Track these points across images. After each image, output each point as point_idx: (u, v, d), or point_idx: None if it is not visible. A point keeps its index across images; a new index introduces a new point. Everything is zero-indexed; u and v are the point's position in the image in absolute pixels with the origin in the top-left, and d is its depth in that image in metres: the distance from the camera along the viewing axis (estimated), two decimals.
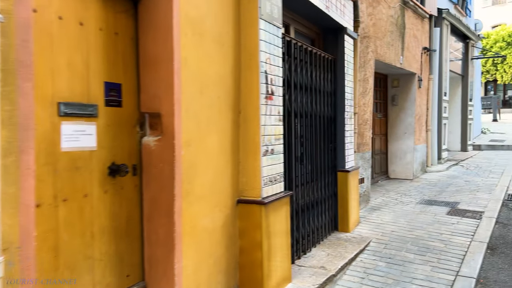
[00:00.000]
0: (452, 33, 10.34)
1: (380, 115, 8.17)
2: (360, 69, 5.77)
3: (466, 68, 11.48)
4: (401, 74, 8.14)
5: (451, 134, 11.85)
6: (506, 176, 8.13)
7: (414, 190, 7.18)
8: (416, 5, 7.63)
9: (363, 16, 5.80)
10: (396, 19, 6.99)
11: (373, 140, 7.88)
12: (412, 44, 7.75)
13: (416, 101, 8.14)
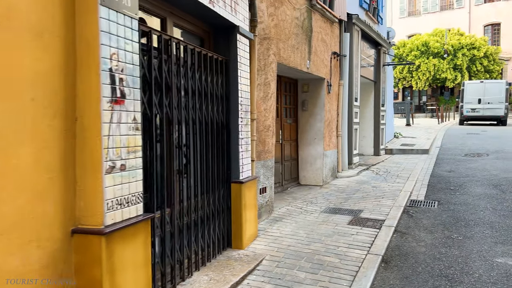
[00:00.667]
0: (364, 39, 10.49)
1: (290, 121, 7.94)
2: (260, 72, 5.41)
3: (378, 74, 11.77)
4: (310, 79, 7.99)
5: (365, 138, 12.09)
6: (411, 181, 8.29)
7: (322, 198, 7.01)
8: (324, 8, 7.50)
9: (263, 16, 5.46)
10: (302, 22, 6.77)
11: (283, 146, 7.62)
12: (320, 48, 7.61)
13: (325, 107, 8.03)
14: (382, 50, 11.81)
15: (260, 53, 5.41)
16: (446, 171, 9.29)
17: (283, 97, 7.63)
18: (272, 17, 5.74)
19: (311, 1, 7.05)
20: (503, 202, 6.51)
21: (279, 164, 7.48)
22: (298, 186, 8.07)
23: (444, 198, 6.93)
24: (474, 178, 8.31)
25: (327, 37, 7.97)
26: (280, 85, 7.49)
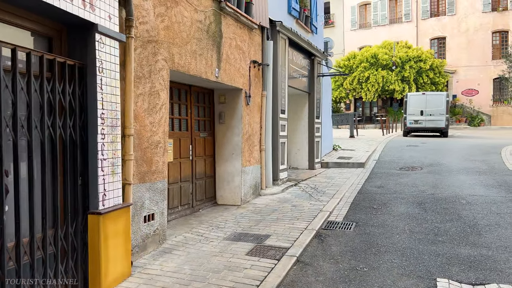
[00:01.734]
0: (295, 48, 10.01)
1: (205, 134, 7.23)
2: (142, 80, 4.67)
3: (312, 85, 11.33)
4: (227, 89, 7.33)
5: (299, 152, 11.60)
6: (335, 198, 7.78)
7: (233, 221, 6.31)
8: (238, 13, 6.89)
9: (147, 16, 4.73)
10: (208, 26, 6.11)
11: (194, 162, 6.88)
12: (235, 56, 6.98)
13: (243, 119, 7.38)
14: (316, 60, 11.39)
15: (143, 58, 4.67)
16: (376, 186, 8.88)
17: (194, 109, 6.91)
18: (162, 18, 5.03)
19: (219, 3, 6.41)
20: (423, 223, 6.07)
21: (188, 183, 6.72)
22: (214, 207, 7.34)
23: (363, 219, 6.42)
24: (401, 195, 7.92)
25: (244, 44, 7.36)
26: (190, 96, 6.78)
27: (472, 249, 4.94)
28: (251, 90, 7.65)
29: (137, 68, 4.58)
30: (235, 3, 6.89)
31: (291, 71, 9.81)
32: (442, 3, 37.90)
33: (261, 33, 8.16)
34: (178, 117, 6.50)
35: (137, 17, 4.58)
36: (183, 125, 6.63)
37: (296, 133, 11.60)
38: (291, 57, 9.73)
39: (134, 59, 4.51)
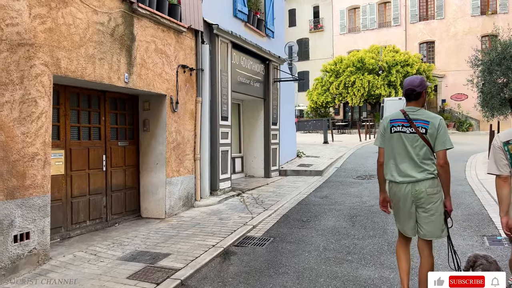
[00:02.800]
0: (244, 52, 9.65)
1: (125, 143, 6.82)
2: (10, 87, 4.28)
3: (267, 91, 10.94)
4: (151, 96, 6.94)
5: (255, 159, 11.20)
6: (270, 210, 7.38)
7: (143, 236, 5.90)
8: (157, 15, 6.51)
9: (19, 18, 4.35)
10: (113, 28, 5.72)
11: (109, 174, 6.48)
12: (155, 60, 6.59)
13: (168, 127, 6.98)
14: (272, 65, 11.01)
15: (11, 63, 4.28)
16: (320, 196, 8.46)
17: (109, 116, 6.52)
18: (43, 20, 4.64)
19: (131, 4, 6.03)
20: (343, 239, 5.64)
21: (100, 195, 6.31)
22: (135, 220, 6.92)
23: (284, 234, 6.00)
24: (340, 207, 7.50)
25: (169, 48, 6.98)
26: (103, 102, 6.38)
27: (376, 270, 4.52)
28: (179, 96, 7.25)
29: (2, 73, 4.19)
30: (153, 5, 6.51)
31: (238, 76, 9.43)
32: (431, 7, 37.60)
33: (194, 37, 7.78)
34: (87, 125, 6.10)
35: (2, 18, 4.19)
36: (94, 134, 6.23)
37: (252, 140, 11.22)
38: (237, 61, 9.35)
39: None
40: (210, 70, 8.21)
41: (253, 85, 10.27)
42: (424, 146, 3.24)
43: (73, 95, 5.85)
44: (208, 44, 8.15)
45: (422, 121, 3.24)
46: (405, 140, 3.29)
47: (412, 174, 3.26)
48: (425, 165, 3.24)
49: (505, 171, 3.03)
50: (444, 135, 3.22)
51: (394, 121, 3.37)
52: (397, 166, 3.34)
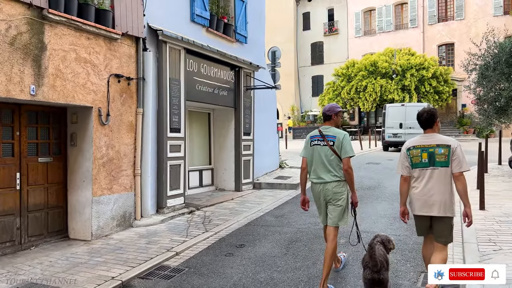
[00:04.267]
0: (207, 59, 9.07)
1: (47, 159, 6.35)
2: None
3: (238, 99, 10.32)
4: (79, 108, 6.46)
5: (227, 171, 10.58)
6: (211, 232, 6.75)
7: (49, 264, 5.36)
8: (79, 22, 6.02)
9: None
10: (14, 37, 5.25)
11: (25, 192, 6.02)
12: (75, 70, 6.10)
13: (95, 142, 6.47)
14: (243, 72, 10.38)
15: None
16: (276, 216, 7.75)
17: (27, 131, 6.06)
18: None
19: (40, 11, 5.56)
20: (264, 271, 4.93)
21: (12, 217, 5.84)
22: (60, 242, 6.42)
23: (204, 263, 5.35)
24: (287, 229, 6.77)
25: (97, 56, 6.47)
26: (18, 116, 5.94)
27: None
28: (112, 108, 6.74)
29: None
30: (73, 11, 6.02)
31: (197, 84, 8.86)
32: (450, 8, 36.00)
33: (134, 44, 7.26)
34: None
35: None
36: (5, 151, 5.78)
37: (223, 152, 10.61)
38: (195, 69, 8.78)
39: None
40: (157, 79, 7.67)
41: (219, 93, 9.66)
42: (332, 155, 4.24)
43: None
44: (154, 51, 7.62)
45: (331, 136, 4.27)
46: (320, 151, 4.30)
47: (323, 177, 4.29)
48: (334, 170, 4.24)
49: (406, 172, 3.93)
50: (347, 146, 4.22)
51: (313, 137, 4.41)
52: (315, 170, 4.34)
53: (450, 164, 3.72)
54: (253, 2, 11.16)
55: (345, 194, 4.29)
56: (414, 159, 3.86)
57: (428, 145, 3.78)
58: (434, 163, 3.76)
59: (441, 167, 3.74)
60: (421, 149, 3.82)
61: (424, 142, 3.83)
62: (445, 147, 3.73)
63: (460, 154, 3.70)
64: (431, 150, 3.77)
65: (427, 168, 3.80)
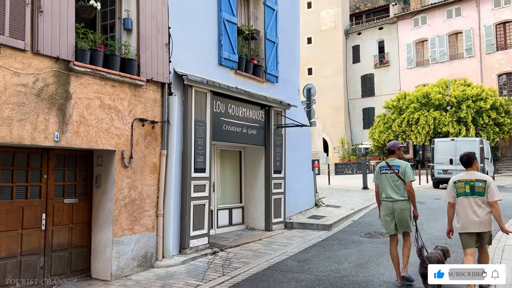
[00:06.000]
0: (235, 100, 9.27)
1: (73, 200, 6.68)
2: None
3: (268, 138, 10.33)
4: (104, 151, 6.80)
5: (257, 210, 10.50)
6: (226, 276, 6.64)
7: None
8: (104, 71, 6.43)
9: None
10: (41, 89, 5.71)
11: (50, 233, 6.34)
12: (99, 116, 6.46)
13: (118, 183, 6.73)
14: (274, 111, 10.44)
15: None
16: (299, 260, 7.48)
17: (54, 173, 6.45)
18: None
19: (67, 64, 6.02)
20: None
21: (36, 256, 6.15)
22: (82, 281, 6.64)
23: None
24: (305, 276, 6.49)
25: (122, 102, 6.83)
26: (47, 160, 6.35)
27: None
28: (135, 151, 7.02)
29: None
30: (98, 61, 6.46)
31: (224, 125, 9.02)
32: (510, 35, 34.26)
33: (160, 88, 7.59)
34: (24, 184, 6.07)
35: None
36: (32, 193, 6.17)
37: (253, 190, 10.58)
38: (222, 110, 8.97)
39: None
40: (182, 121, 7.92)
41: (248, 132, 9.75)
42: (398, 180, 5.70)
43: (6, 155, 5.89)
44: (180, 94, 7.91)
45: (396, 166, 5.76)
46: (388, 178, 5.78)
47: (392, 196, 5.71)
48: (400, 191, 5.69)
49: (452, 200, 5.26)
50: (409, 172, 5.70)
51: (382, 167, 5.92)
52: (385, 192, 5.80)
53: (486, 194, 4.99)
54: (284, 42, 11.32)
55: (409, 209, 5.71)
56: (459, 190, 5.16)
57: (470, 180, 5.11)
58: (474, 193, 5.05)
59: (479, 196, 5.03)
60: (464, 182, 5.13)
61: (466, 177, 5.16)
62: (482, 182, 5.03)
63: (493, 187, 4.99)
64: (472, 183, 5.07)
65: (469, 196, 5.07)
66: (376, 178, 5.96)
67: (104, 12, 7.58)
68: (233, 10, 9.41)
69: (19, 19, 5.46)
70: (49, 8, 5.81)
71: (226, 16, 9.16)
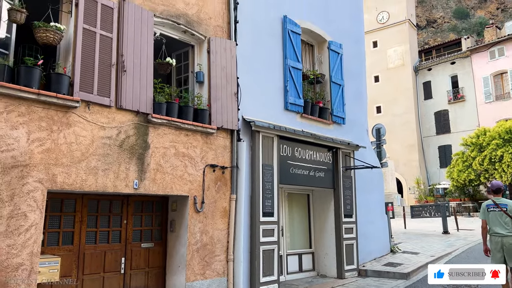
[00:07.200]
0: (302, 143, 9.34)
1: (149, 245, 7.01)
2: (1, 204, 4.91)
3: (337, 180, 10.16)
4: (178, 196, 7.13)
5: (328, 256, 10.17)
6: None
7: None
8: (179, 122, 6.87)
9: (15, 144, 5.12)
10: (123, 140, 6.22)
11: (128, 277, 6.66)
12: (174, 163, 6.84)
13: (190, 228, 6.95)
14: (341, 153, 10.31)
15: (1, 184, 4.95)
16: None
17: (132, 219, 6.85)
18: (42, 142, 5.35)
19: (146, 116, 6.53)
20: None
21: None
22: None
23: None
24: None
25: (194, 150, 7.19)
26: (126, 206, 6.79)
27: None
28: (207, 196, 7.27)
29: None
30: (174, 113, 6.93)
31: (291, 168, 9.06)
32: None
33: (229, 135, 7.90)
34: (106, 229, 6.51)
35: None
36: (113, 237, 6.58)
37: (323, 235, 10.32)
38: (289, 153, 9.05)
39: None
40: (250, 166, 8.10)
41: (315, 175, 9.68)
42: (506, 217, 6.27)
43: (92, 202, 6.40)
44: (248, 140, 8.15)
45: (503, 204, 6.39)
46: (496, 215, 6.39)
47: (501, 232, 6.27)
48: (508, 227, 6.24)
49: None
50: None
51: (488, 205, 6.54)
52: (493, 228, 6.40)
53: None
54: (351, 84, 11.31)
55: None
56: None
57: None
58: None
59: None
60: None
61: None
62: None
63: None
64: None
65: None
66: (483, 215, 6.59)
67: (178, 67, 8.20)
68: (298, 56, 9.68)
69: (106, 78, 6.10)
70: (131, 67, 6.43)
71: (291, 63, 9.44)
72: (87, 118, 5.84)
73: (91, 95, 5.89)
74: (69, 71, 5.78)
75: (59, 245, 5.98)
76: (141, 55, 6.59)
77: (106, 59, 6.13)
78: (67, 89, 5.64)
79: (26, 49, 5.71)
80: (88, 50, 5.94)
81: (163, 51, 7.31)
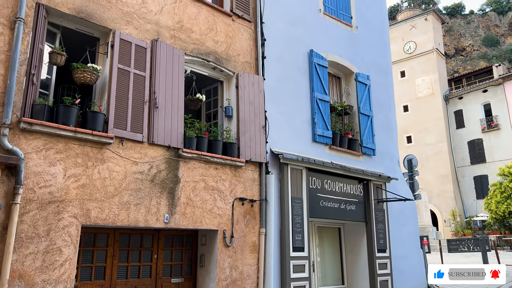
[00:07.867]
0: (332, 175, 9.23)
1: (180, 280, 6.97)
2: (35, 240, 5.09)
3: (369, 213, 9.91)
4: (207, 231, 7.13)
5: None
6: None
7: None
8: (208, 156, 6.96)
9: (53, 180, 5.31)
10: (154, 175, 6.34)
11: None
12: (204, 197, 6.88)
13: (219, 263, 6.89)
14: (373, 185, 10.10)
15: (38, 219, 5.13)
16: None
17: (162, 253, 6.87)
18: (77, 178, 5.53)
19: (177, 151, 6.66)
20: None
21: None
22: None
23: None
24: None
25: (223, 183, 7.23)
26: (157, 240, 6.82)
27: None
28: (236, 230, 7.23)
29: (28, 229, 5.02)
30: (203, 147, 7.03)
31: (321, 201, 8.92)
32: None
33: (258, 168, 7.91)
34: (137, 264, 6.54)
35: (37, 182, 5.17)
36: (144, 272, 6.59)
37: (356, 270, 9.97)
38: (318, 185, 8.93)
39: (25, 221, 4.99)
40: (279, 199, 8.04)
41: (346, 208, 9.48)
42: None
43: (123, 236, 6.47)
44: (276, 172, 8.13)
45: None
46: None
47: None
48: None
49: None
50: None
51: None
52: None
53: None
54: (379, 114, 11.21)
55: None
56: None
57: None
58: None
59: None
60: None
61: None
62: None
63: None
64: None
65: None
66: None
67: (208, 102, 8.39)
68: (325, 89, 9.73)
69: (138, 115, 6.31)
70: (163, 104, 6.64)
71: (318, 96, 9.49)
72: (121, 154, 6.01)
73: (124, 132, 6.08)
74: (104, 109, 6.02)
75: (91, 279, 6.03)
76: (173, 92, 6.80)
77: (139, 97, 6.36)
78: (102, 126, 5.86)
79: (65, 89, 6.01)
80: (122, 89, 6.19)
81: (193, 87, 7.53)
